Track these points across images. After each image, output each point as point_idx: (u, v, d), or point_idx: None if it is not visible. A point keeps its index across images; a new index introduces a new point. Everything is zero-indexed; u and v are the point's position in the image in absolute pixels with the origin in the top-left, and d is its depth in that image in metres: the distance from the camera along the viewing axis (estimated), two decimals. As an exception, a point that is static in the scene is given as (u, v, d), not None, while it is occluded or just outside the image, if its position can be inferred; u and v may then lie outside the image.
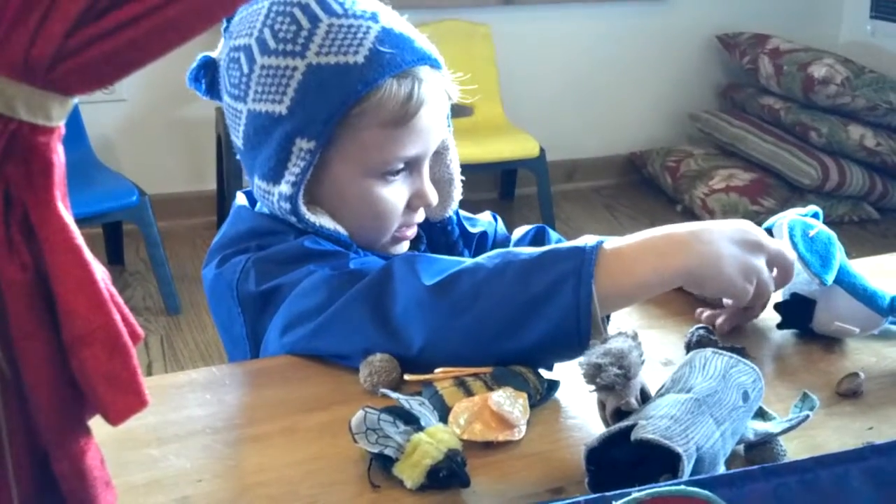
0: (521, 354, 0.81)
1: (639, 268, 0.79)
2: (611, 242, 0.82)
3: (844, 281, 0.94)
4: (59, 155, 0.50)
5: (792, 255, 0.88)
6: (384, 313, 0.83)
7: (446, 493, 0.71)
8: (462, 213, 1.10)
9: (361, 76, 0.88)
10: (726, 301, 0.95)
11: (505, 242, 1.12)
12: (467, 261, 0.85)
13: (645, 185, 3.71)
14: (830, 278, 0.92)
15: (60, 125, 0.51)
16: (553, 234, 1.12)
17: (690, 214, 3.40)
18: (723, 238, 0.81)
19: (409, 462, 0.70)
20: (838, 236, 0.97)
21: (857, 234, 3.26)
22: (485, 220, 1.13)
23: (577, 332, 0.78)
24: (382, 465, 0.72)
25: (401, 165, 0.94)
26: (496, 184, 3.65)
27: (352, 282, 0.85)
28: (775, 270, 0.88)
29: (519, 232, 1.13)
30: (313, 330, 0.87)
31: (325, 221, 0.93)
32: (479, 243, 1.10)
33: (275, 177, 0.91)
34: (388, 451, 0.71)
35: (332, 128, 0.89)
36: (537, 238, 1.11)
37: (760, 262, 0.83)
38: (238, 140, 0.95)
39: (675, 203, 3.50)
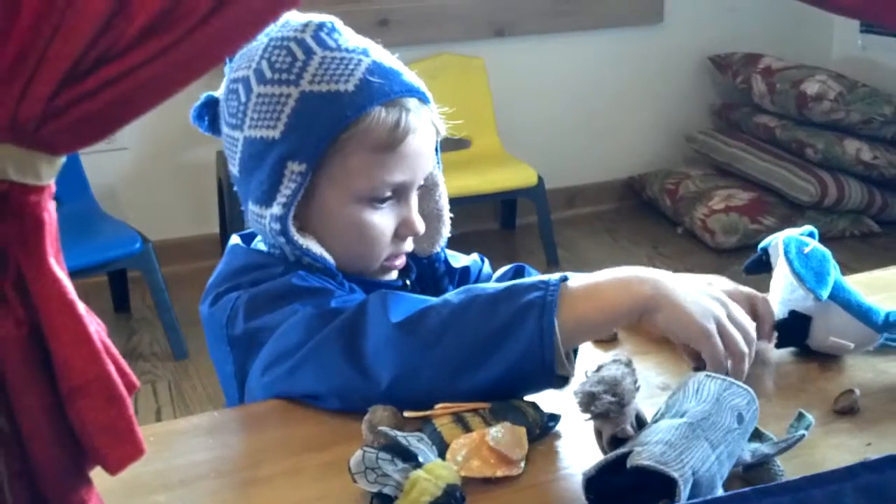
0: (489, 387, 0.82)
1: (599, 300, 0.83)
2: (575, 278, 0.85)
3: (839, 297, 0.95)
4: (50, 212, 0.52)
5: (751, 325, 0.88)
6: (356, 352, 0.85)
7: (448, 527, 0.71)
8: (448, 251, 1.12)
9: (351, 103, 0.92)
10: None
11: (487, 282, 1.13)
12: (438, 298, 0.87)
13: (645, 209, 3.72)
14: (825, 294, 0.93)
15: (50, 183, 0.52)
16: (533, 272, 1.14)
17: (691, 236, 3.41)
18: (682, 280, 0.85)
19: (408, 499, 0.71)
20: (840, 251, 0.98)
21: (859, 248, 3.26)
22: (470, 259, 1.15)
23: (541, 362, 0.80)
24: (383, 503, 0.72)
25: (388, 192, 0.96)
26: (497, 214, 3.67)
27: (329, 320, 0.87)
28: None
29: (499, 272, 1.15)
30: (289, 369, 0.89)
31: (312, 245, 0.95)
32: (462, 279, 1.11)
33: (267, 200, 0.94)
34: (386, 490, 0.72)
35: (323, 151, 0.92)
36: (516, 276, 1.13)
37: (721, 311, 0.84)
38: (234, 168, 0.99)
39: (676, 225, 3.51)
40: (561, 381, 0.84)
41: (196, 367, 2.67)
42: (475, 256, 1.16)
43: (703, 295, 0.85)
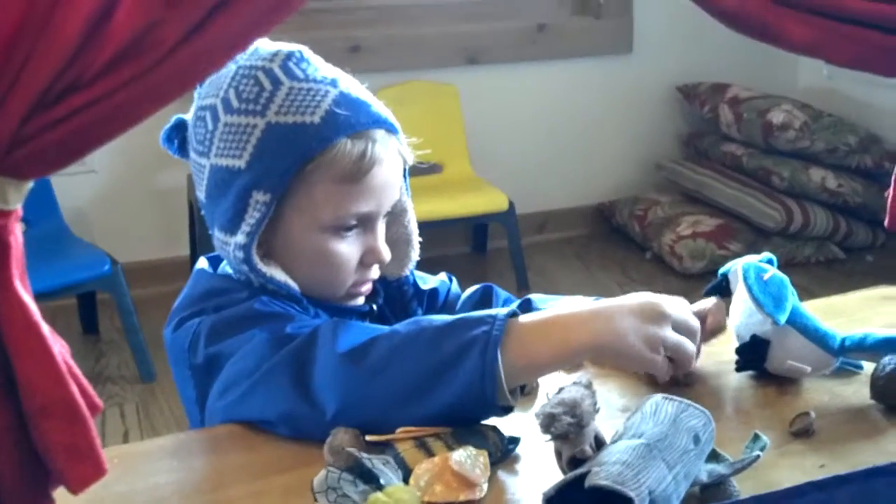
0: (433, 418, 0.83)
1: (546, 340, 0.84)
2: (524, 316, 0.86)
3: (797, 322, 0.97)
4: (16, 236, 0.52)
5: (695, 322, 0.91)
6: (303, 379, 0.86)
7: (409, 548, 0.72)
8: (416, 273, 1.13)
9: (317, 135, 0.92)
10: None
11: (455, 301, 1.14)
12: (392, 327, 0.88)
13: (615, 235, 3.75)
14: (783, 318, 0.95)
15: (17, 208, 0.53)
16: (501, 293, 1.15)
17: (659, 261, 3.44)
18: (624, 313, 0.85)
19: None
20: (805, 277, 1.02)
21: (823, 274, 3.31)
22: (438, 280, 1.16)
23: (482, 396, 0.81)
24: (343, 523, 0.73)
25: (353, 221, 0.97)
26: (468, 238, 3.69)
27: (282, 346, 0.88)
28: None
29: (467, 293, 1.16)
30: (241, 395, 0.89)
31: (276, 273, 0.96)
32: (430, 300, 1.13)
33: (232, 228, 0.95)
34: None
35: (287, 182, 0.93)
36: (484, 297, 1.15)
37: (664, 331, 0.86)
38: (201, 194, 1.00)
39: (645, 251, 3.55)
40: (505, 410, 0.85)
41: (163, 389, 2.65)
42: (443, 276, 1.17)
43: (644, 321, 0.85)
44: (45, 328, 0.52)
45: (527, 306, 1.11)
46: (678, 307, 0.90)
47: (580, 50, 3.68)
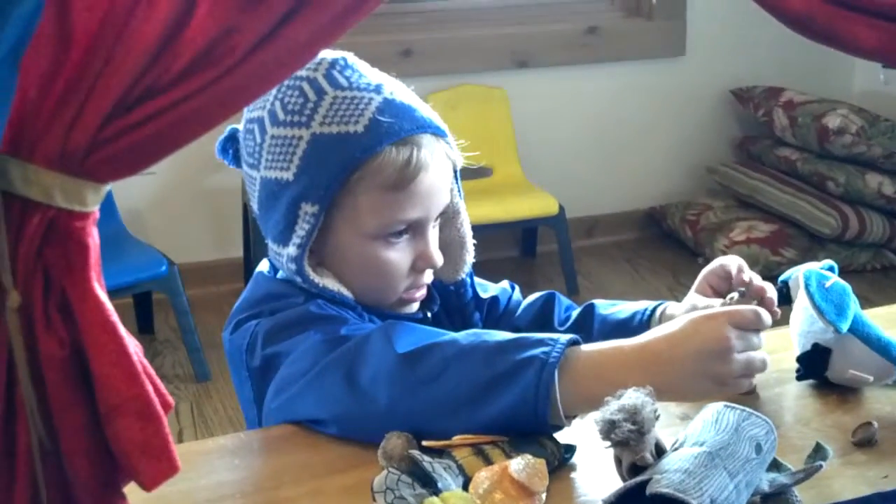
0: (480, 430, 0.83)
1: (601, 378, 0.80)
2: (586, 345, 0.84)
3: (859, 331, 0.96)
4: (94, 238, 0.54)
5: (761, 335, 0.86)
6: (354, 378, 0.86)
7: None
8: (477, 279, 1.13)
9: (360, 144, 0.92)
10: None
11: (517, 308, 1.14)
12: (451, 333, 0.88)
13: (666, 239, 3.72)
14: (845, 326, 0.94)
15: (95, 210, 0.55)
16: (564, 301, 1.14)
17: (712, 267, 3.40)
18: (686, 356, 0.81)
19: None
20: (860, 284, 1.00)
21: (879, 281, 3.24)
22: (499, 287, 1.16)
23: (533, 415, 0.81)
24: (399, 526, 0.74)
25: (402, 227, 0.97)
26: (517, 242, 3.68)
27: (336, 347, 0.89)
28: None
29: (529, 299, 1.16)
30: (294, 395, 0.90)
31: (329, 283, 0.97)
32: (491, 308, 1.13)
33: (283, 239, 0.96)
34: None
35: (334, 192, 0.93)
36: (546, 304, 1.14)
37: (729, 366, 0.81)
38: (255, 205, 1.01)
39: (697, 256, 3.51)
40: (555, 428, 0.84)
41: (218, 389, 2.69)
42: (505, 284, 1.17)
43: (708, 361, 0.81)
44: (122, 328, 0.54)
45: (590, 311, 1.10)
46: (743, 320, 0.83)
47: (631, 52, 3.65)
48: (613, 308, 1.09)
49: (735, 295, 0.96)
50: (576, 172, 3.67)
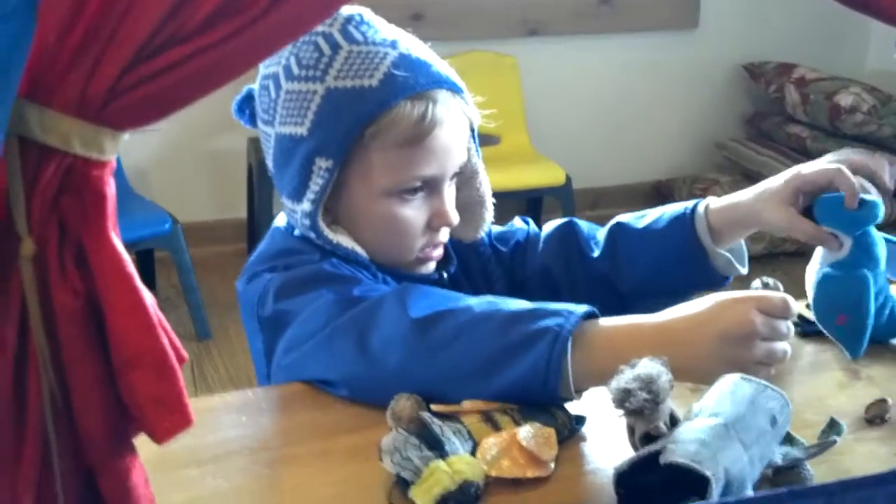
0: (489, 399, 0.82)
1: (614, 354, 0.76)
2: (604, 319, 0.83)
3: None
4: (111, 187, 0.53)
5: (786, 323, 0.82)
6: (366, 341, 0.85)
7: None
8: (495, 228, 1.11)
9: (375, 98, 0.91)
10: None
11: (536, 240, 1.11)
12: (466, 299, 0.87)
13: (671, 213, 3.71)
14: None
15: (112, 159, 0.54)
16: (584, 225, 1.11)
17: (717, 242, 3.39)
18: (707, 340, 0.80)
19: (422, 487, 0.72)
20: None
21: (886, 261, 3.24)
22: (515, 229, 1.14)
23: (543, 388, 0.80)
24: (404, 487, 0.73)
25: (417, 184, 0.96)
26: (522, 212, 3.67)
27: (348, 309, 0.88)
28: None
29: (548, 227, 1.12)
30: (304, 354, 0.90)
31: (343, 240, 0.96)
32: (514, 256, 1.11)
33: (298, 196, 0.95)
34: (404, 474, 0.73)
35: (348, 147, 0.92)
36: (565, 234, 1.10)
37: (751, 351, 0.80)
38: (270, 163, 1.00)
39: (702, 231, 3.50)
40: (564, 401, 0.83)
41: (219, 348, 2.70)
42: (518, 223, 1.15)
43: (729, 346, 0.79)
44: (138, 279, 0.53)
45: (619, 230, 1.06)
46: (771, 306, 0.81)
47: (644, 24, 3.62)
48: (645, 219, 1.05)
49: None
50: (583, 143, 3.65)
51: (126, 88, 0.51)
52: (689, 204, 1.04)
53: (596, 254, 1.07)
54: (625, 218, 1.07)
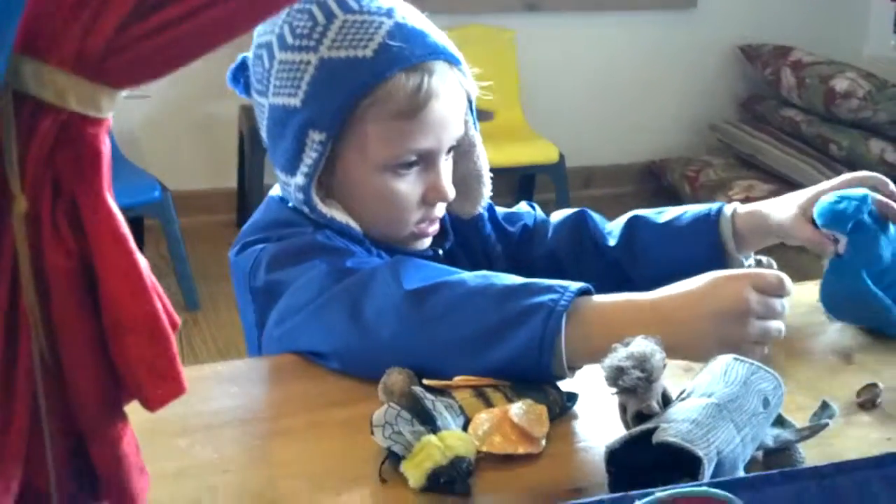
0: (481, 374, 0.81)
1: (609, 331, 0.76)
2: (598, 296, 0.82)
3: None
4: (107, 146, 0.52)
5: (780, 301, 0.82)
6: (358, 312, 0.84)
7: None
8: (500, 209, 1.10)
9: (370, 69, 0.89)
10: None
11: (544, 227, 1.11)
12: (461, 273, 0.86)
13: (663, 194, 3.70)
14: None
15: (108, 117, 0.52)
16: (596, 217, 1.10)
17: (708, 224, 3.40)
18: (702, 318, 0.79)
19: (413, 462, 0.71)
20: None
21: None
22: (523, 212, 1.13)
23: (536, 364, 0.79)
24: (395, 461, 0.73)
25: (413, 158, 0.95)
26: (513, 189, 3.66)
27: (340, 280, 0.87)
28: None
29: (558, 215, 1.12)
30: (296, 325, 0.89)
31: (336, 214, 0.95)
32: (522, 237, 1.10)
33: (291, 168, 0.94)
34: (395, 448, 0.72)
35: (342, 119, 0.91)
36: (577, 222, 1.10)
37: (746, 329, 0.79)
38: (264, 134, 0.98)
39: (693, 212, 3.51)
40: (557, 378, 0.83)
41: (207, 319, 2.69)
42: (525, 206, 1.14)
43: (724, 324, 0.79)
44: (133, 242, 0.52)
45: (636, 223, 1.06)
46: (766, 284, 0.80)
47: (642, 2, 3.60)
48: (665, 215, 1.05)
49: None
50: (576, 121, 3.64)
51: (123, 46, 0.50)
52: (714, 206, 1.04)
53: (612, 243, 1.07)
54: (642, 212, 1.07)
